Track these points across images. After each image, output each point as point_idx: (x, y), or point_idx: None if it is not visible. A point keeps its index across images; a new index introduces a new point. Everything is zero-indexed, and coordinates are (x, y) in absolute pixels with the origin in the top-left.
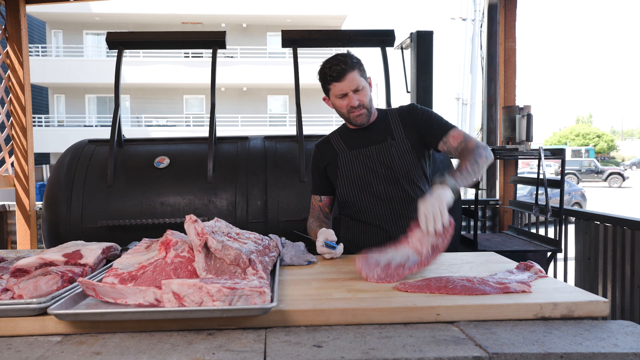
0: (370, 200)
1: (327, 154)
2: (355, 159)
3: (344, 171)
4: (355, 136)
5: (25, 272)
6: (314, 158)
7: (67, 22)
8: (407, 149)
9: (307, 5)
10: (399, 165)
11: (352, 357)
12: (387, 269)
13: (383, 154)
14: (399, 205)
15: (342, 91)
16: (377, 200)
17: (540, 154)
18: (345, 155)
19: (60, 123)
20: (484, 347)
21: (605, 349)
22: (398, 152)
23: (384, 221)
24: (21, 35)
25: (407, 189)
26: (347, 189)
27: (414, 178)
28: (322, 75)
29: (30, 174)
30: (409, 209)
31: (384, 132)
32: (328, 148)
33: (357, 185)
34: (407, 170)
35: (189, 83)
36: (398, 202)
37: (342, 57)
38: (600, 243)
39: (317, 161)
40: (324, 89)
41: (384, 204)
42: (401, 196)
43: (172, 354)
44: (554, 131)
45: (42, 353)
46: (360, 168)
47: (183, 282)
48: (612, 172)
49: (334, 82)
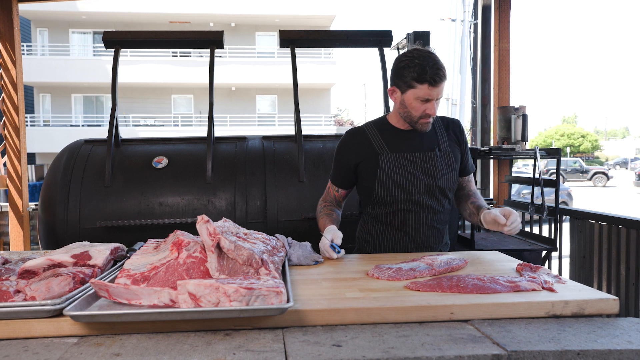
0: (406, 205)
1: (363, 151)
2: (397, 162)
3: (384, 173)
4: (399, 138)
5: (33, 273)
6: (344, 149)
7: (53, 20)
8: (451, 162)
9: (296, 5)
10: (440, 176)
11: (373, 356)
12: (398, 271)
13: (428, 163)
14: (431, 215)
15: (430, 97)
16: (412, 206)
17: (536, 153)
18: (387, 156)
19: (46, 123)
20: (502, 345)
21: (620, 346)
22: (442, 163)
23: (412, 228)
24: (14, 33)
25: (441, 200)
26: (385, 191)
27: (447, 192)
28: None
29: (23, 174)
30: (437, 219)
31: (431, 141)
32: (365, 144)
33: (397, 189)
34: (446, 183)
35: (177, 83)
36: (431, 211)
37: (439, 60)
38: (595, 241)
39: (349, 155)
40: (404, 83)
41: (418, 211)
42: (434, 206)
43: (192, 354)
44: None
45: (60, 355)
46: (402, 173)
47: (199, 282)
48: (596, 172)
49: (427, 84)
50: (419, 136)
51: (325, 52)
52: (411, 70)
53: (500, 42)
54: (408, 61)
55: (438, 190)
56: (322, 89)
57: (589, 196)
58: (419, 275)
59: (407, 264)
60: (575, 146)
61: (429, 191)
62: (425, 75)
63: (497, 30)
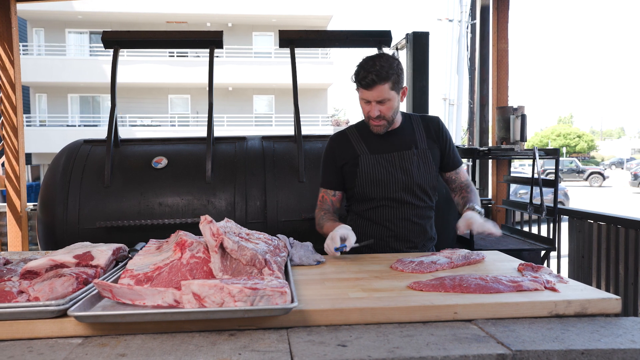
0: (385, 202)
1: (346, 153)
2: (377, 162)
3: (364, 172)
4: (377, 139)
5: (36, 274)
6: (330, 153)
7: (49, 20)
8: (428, 160)
9: (292, 5)
10: (417, 174)
11: (379, 356)
12: (420, 264)
13: (405, 162)
14: (410, 210)
15: (366, 99)
16: (391, 202)
17: (535, 154)
18: (367, 157)
19: (42, 123)
20: (507, 345)
21: (624, 345)
22: (419, 162)
23: (392, 222)
24: (12, 33)
25: (420, 196)
26: (366, 188)
27: (427, 188)
28: (355, 75)
29: (21, 175)
30: (416, 214)
31: (409, 140)
32: (347, 146)
33: (376, 187)
34: (424, 180)
35: (174, 83)
36: (409, 207)
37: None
38: (594, 241)
39: (335, 157)
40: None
41: (397, 207)
42: (413, 202)
43: (198, 354)
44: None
45: (65, 355)
46: (381, 172)
47: (204, 282)
48: (592, 172)
49: (361, 87)
50: (397, 137)
51: (322, 52)
52: (356, 72)
53: (499, 42)
54: (356, 67)
55: (416, 186)
56: (320, 89)
57: (585, 196)
58: (439, 268)
59: (427, 258)
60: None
61: (407, 188)
62: (359, 78)
63: (496, 30)
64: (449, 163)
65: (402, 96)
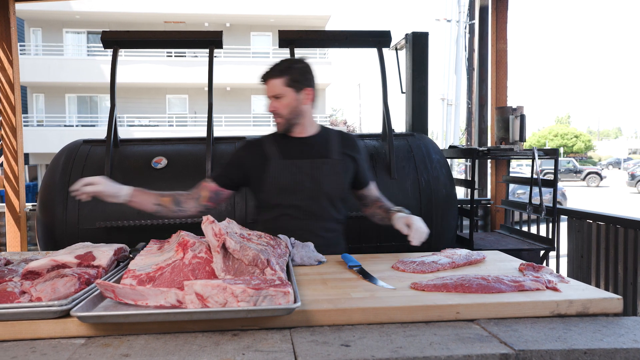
0: (290, 211)
1: (257, 157)
2: (286, 168)
3: (272, 178)
4: (291, 145)
5: (37, 274)
6: (241, 153)
7: (47, 20)
8: (339, 170)
9: (291, 5)
10: (326, 183)
11: (382, 355)
12: (422, 264)
13: (315, 170)
14: (315, 222)
15: (266, 94)
16: (297, 212)
17: (534, 154)
18: (277, 162)
19: (39, 123)
20: (510, 345)
21: (627, 345)
22: (330, 171)
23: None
24: (10, 33)
25: (327, 208)
26: (272, 194)
27: (335, 199)
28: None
29: (20, 175)
30: (322, 227)
31: (321, 149)
32: (259, 151)
33: (282, 194)
34: (333, 190)
35: (171, 83)
36: (315, 218)
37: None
38: (593, 241)
39: (244, 159)
40: None
41: (302, 218)
42: (319, 213)
43: (201, 355)
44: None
45: (69, 356)
46: (289, 177)
47: (207, 282)
48: (590, 172)
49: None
50: (310, 145)
51: (320, 52)
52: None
53: (498, 42)
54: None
55: (324, 196)
56: (318, 89)
57: (583, 196)
58: (441, 268)
59: (428, 258)
60: (568, 146)
61: (314, 197)
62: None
63: (495, 31)
64: (362, 180)
65: (305, 99)
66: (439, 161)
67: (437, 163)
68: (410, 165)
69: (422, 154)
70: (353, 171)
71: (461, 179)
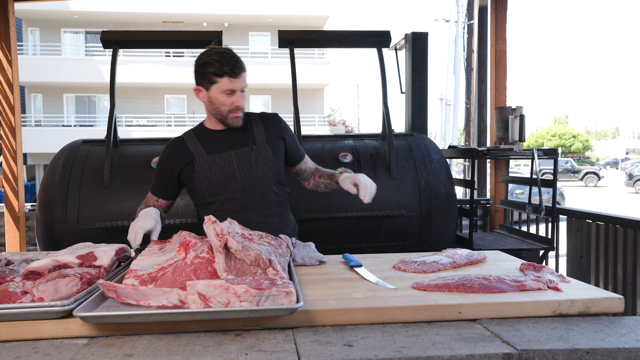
0: (227, 205)
1: (182, 157)
2: (214, 163)
3: (201, 176)
4: (214, 139)
5: (39, 274)
6: (165, 158)
7: (44, 20)
8: (268, 154)
9: (289, 5)
10: (257, 170)
11: (385, 355)
12: (423, 264)
13: (243, 159)
14: (254, 211)
15: (233, 88)
16: (234, 205)
17: (533, 154)
18: (204, 159)
19: (37, 123)
20: (512, 344)
21: (629, 344)
22: (258, 157)
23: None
24: (9, 33)
25: (265, 194)
26: (205, 192)
27: (270, 183)
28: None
29: (19, 175)
30: (263, 214)
31: (246, 137)
32: (183, 150)
33: (215, 190)
34: (265, 176)
35: (169, 82)
36: (253, 207)
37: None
38: (592, 241)
39: (170, 163)
40: (206, 80)
41: (240, 210)
42: (257, 201)
43: (204, 355)
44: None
45: (72, 356)
46: (218, 173)
47: (209, 283)
48: (587, 172)
49: (227, 76)
50: (234, 135)
51: (319, 53)
52: (211, 66)
53: (497, 43)
54: (207, 58)
55: (257, 183)
56: (316, 89)
57: (581, 196)
58: (442, 267)
59: (429, 258)
60: (566, 146)
61: (248, 187)
62: (224, 68)
63: (494, 31)
64: (295, 156)
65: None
66: (439, 161)
67: (436, 163)
68: (410, 166)
69: (421, 154)
70: (283, 151)
71: (460, 179)
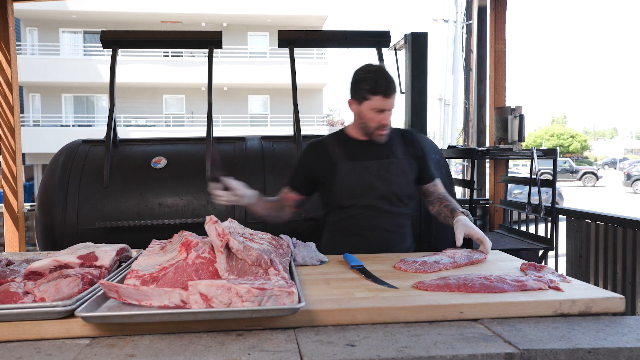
0: (362, 211)
1: (323, 160)
2: (354, 170)
3: (341, 180)
4: (356, 147)
5: (40, 274)
6: (306, 157)
7: (43, 19)
8: (405, 169)
9: (287, 5)
10: (395, 182)
11: (388, 355)
12: (424, 264)
13: (383, 170)
14: (386, 219)
15: (384, 107)
16: (368, 211)
17: (533, 154)
18: (344, 165)
19: (35, 123)
20: (514, 344)
21: (630, 344)
22: (397, 170)
23: (369, 231)
24: (9, 33)
25: (397, 205)
26: (343, 196)
27: (404, 197)
28: (370, 83)
29: (18, 175)
30: (393, 223)
31: (386, 149)
32: (325, 154)
33: (352, 195)
34: (401, 189)
35: (168, 82)
36: (386, 215)
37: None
38: (591, 241)
39: (311, 163)
40: (360, 96)
41: (373, 216)
42: (390, 211)
43: (207, 355)
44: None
45: (74, 356)
46: (358, 180)
47: (211, 283)
48: (586, 172)
49: (381, 95)
50: (375, 146)
51: (317, 53)
52: (366, 83)
53: (496, 43)
54: (363, 75)
55: (393, 196)
56: (315, 89)
57: (579, 196)
58: (442, 267)
59: (430, 257)
60: (564, 146)
61: (384, 197)
62: (379, 87)
63: (493, 31)
64: (426, 177)
65: None
66: (439, 161)
67: (436, 163)
68: None
69: None
70: (417, 169)
71: (460, 179)
